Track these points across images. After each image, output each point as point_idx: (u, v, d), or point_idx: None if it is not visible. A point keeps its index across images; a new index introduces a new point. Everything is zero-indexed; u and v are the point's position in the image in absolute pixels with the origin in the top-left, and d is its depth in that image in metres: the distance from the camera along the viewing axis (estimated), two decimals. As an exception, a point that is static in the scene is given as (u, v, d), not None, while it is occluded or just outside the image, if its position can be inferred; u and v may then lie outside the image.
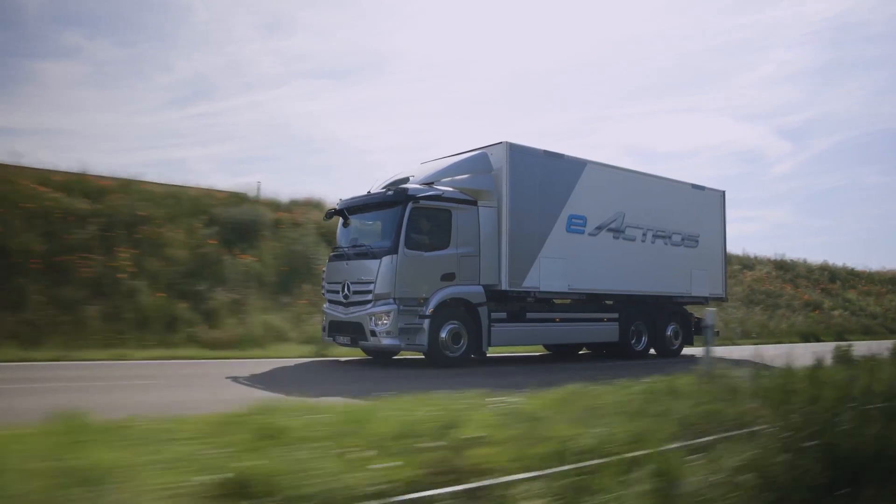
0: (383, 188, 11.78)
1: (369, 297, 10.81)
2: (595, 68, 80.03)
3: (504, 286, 11.81)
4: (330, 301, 11.91)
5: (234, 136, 58.05)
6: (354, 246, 11.70)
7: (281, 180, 62.90)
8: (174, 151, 49.67)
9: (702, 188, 16.21)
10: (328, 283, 12.03)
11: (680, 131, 76.81)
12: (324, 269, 12.58)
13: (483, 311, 11.49)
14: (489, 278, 11.71)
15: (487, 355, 12.10)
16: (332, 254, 12.43)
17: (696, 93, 78.93)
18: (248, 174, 59.19)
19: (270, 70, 68.35)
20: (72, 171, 15.97)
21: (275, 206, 18.52)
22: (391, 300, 10.63)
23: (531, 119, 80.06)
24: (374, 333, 10.66)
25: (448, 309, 11.14)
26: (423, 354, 11.17)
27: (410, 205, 10.87)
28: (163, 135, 51.37)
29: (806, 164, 79.59)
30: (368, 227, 11.95)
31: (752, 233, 68.02)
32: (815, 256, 36.61)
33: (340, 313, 11.43)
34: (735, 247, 29.25)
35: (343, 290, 11.38)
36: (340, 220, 12.36)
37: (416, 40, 77.88)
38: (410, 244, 10.82)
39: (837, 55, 76.97)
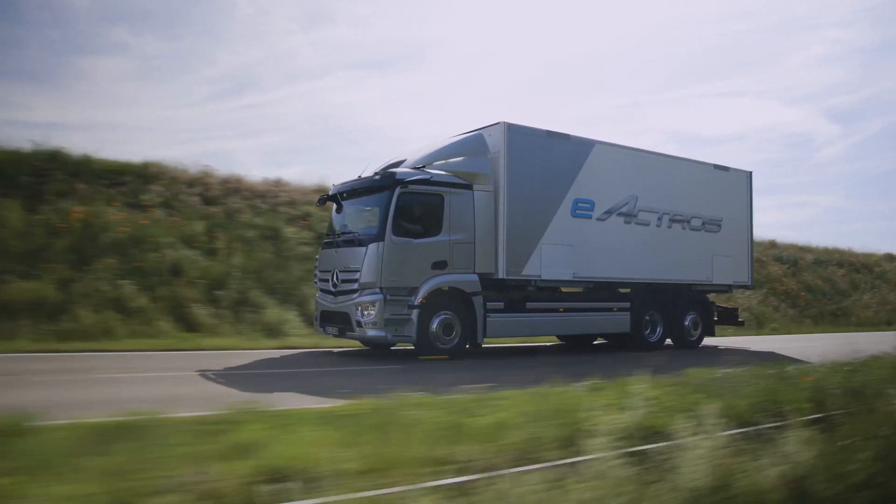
0: (374, 173, 11.26)
1: (356, 285, 10.37)
2: (637, 52, 77.78)
3: (501, 274, 11.21)
4: (321, 290, 11.52)
5: (278, 127, 58.58)
6: (343, 233, 11.27)
7: (323, 170, 63.19)
8: (219, 143, 50.29)
9: (725, 169, 15.24)
10: (320, 271, 11.64)
11: (725, 115, 74.32)
12: (317, 256, 12.19)
13: (478, 300, 10.93)
14: (485, 266, 11.13)
15: (483, 347, 11.55)
16: (324, 241, 12.03)
17: (743, 75, 76.07)
18: (291, 165, 59.90)
19: (312, 61, 68.63)
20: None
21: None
22: (377, 289, 10.16)
23: (572, 106, 78.52)
24: (359, 324, 10.23)
25: (440, 299, 10.62)
26: (413, 346, 10.68)
27: (398, 189, 10.35)
28: (208, 127, 52.10)
29: (857, 147, 76.13)
30: (359, 213, 11.47)
31: (801, 219, 65.45)
32: (871, 242, 35.54)
33: (330, 303, 11.03)
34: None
35: (332, 279, 10.97)
36: (334, 205, 11.93)
37: (455, 28, 76.97)
38: (398, 231, 10.31)
39: (892, 32, 73.08)
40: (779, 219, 64.91)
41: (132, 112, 45.62)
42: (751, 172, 15.85)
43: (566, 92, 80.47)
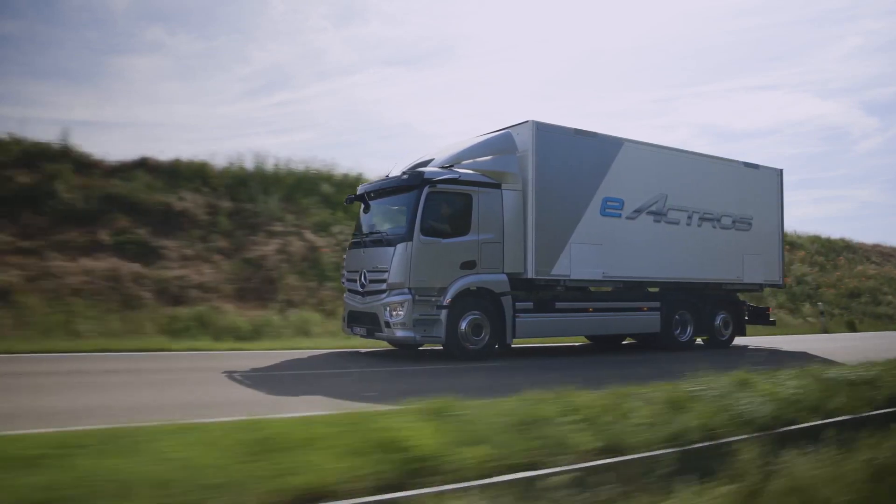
0: (402, 172, 11.20)
1: (384, 286, 10.32)
2: (669, 45, 77.31)
3: (530, 274, 11.11)
4: (349, 290, 11.49)
5: (311, 123, 59.19)
6: (371, 233, 11.22)
7: (355, 166, 63.24)
8: (253, 140, 50.92)
9: (755, 166, 14.99)
10: (347, 271, 11.61)
11: (758, 109, 73.60)
12: (344, 256, 12.16)
13: (507, 300, 10.83)
14: (514, 266, 11.03)
15: (512, 347, 11.44)
16: (352, 241, 12.00)
17: (776, 68, 75.28)
18: (323, 161, 60.18)
19: (344, 58, 69.37)
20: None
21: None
22: (406, 290, 10.10)
23: (603, 101, 78.21)
24: (388, 325, 10.17)
25: (468, 299, 10.54)
26: (442, 346, 10.61)
27: (427, 189, 10.28)
28: (242, 124, 52.85)
29: (894, 140, 74.79)
30: (387, 212, 11.41)
31: (836, 213, 64.47)
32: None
33: (358, 303, 10.99)
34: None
35: (360, 279, 10.93)
36: (362, 205, 11.90)
37: (485, 24, 77.16)
38: (427, 230, 10.24)
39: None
40: (813, 213, 64.10)
41: (167, 110, 46.41)
42: (781, 170, 15.57)
43: (596, 86, 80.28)
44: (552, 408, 4.95)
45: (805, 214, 67.02)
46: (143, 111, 44.19)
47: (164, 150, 17.54)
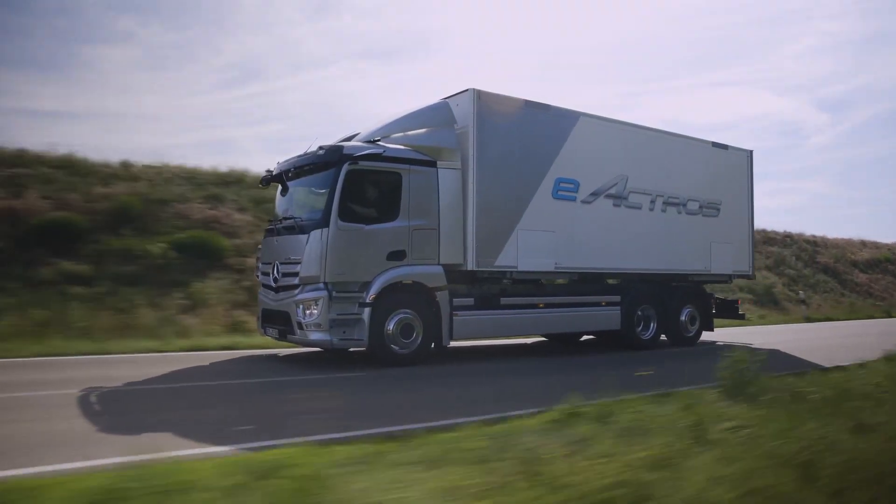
0: (319, 147, 9.60)
1: (296, 280, 8.79)
2: (636, 43, 77.13)
3: (471, 265, 9.66)
4: (263, 285, 9.93)
5: (283, 115, 57.71)
6: (285, 218, 9.65)
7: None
8: (225, 131, 48.98)
9: (724, 147, 13.74)
10: (262, 263, 10.04)
11: (719, 104, 74.08)
12: (259, 246, 10.58)
13: (443, 296, 9.38)
14: (452, 256, 9.57)
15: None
16: (266, 228, 10.42)
17: (737, 66, 75.73)
18: (294, 153, 59.08)
19: (317, 51, 67.83)
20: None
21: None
22: (321, 284, 8.57)
23: (569, 95, 77.68)
24: (301, 325, 8.65)
25: (397, 295, 9.05)
26: (366, 350, 9.11)
27: (346, 166, 8.74)
28: (214, 116, 50.89)
29: (844, 136, 76.07)
30: (305, 194, 9.84)
31: (789, 205, 64.96)
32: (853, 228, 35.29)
33: (271, 300, 9.45)
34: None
35: (273, 272, 9.38)
36: (279, 187, 10.33)
37: (459, 19, 76.08)
38: (346, 215, 8.71)
39: (882, 25, 72.63)
40: (768, 205, 64.67)
41: (138, 101, 44.32)
42: (751, 151, 14.40)
43: (564, 81, 79.73)
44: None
45: (762, 206, 67.60)
46: (113, 102, 41.91)
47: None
